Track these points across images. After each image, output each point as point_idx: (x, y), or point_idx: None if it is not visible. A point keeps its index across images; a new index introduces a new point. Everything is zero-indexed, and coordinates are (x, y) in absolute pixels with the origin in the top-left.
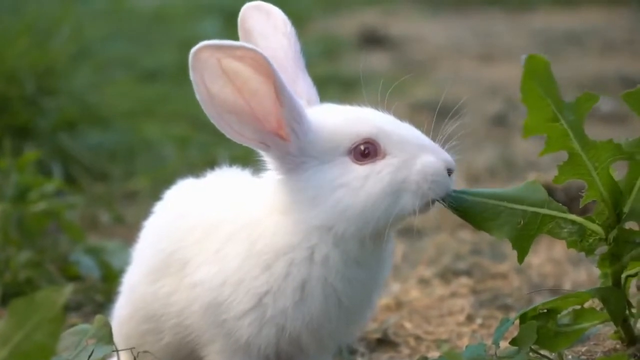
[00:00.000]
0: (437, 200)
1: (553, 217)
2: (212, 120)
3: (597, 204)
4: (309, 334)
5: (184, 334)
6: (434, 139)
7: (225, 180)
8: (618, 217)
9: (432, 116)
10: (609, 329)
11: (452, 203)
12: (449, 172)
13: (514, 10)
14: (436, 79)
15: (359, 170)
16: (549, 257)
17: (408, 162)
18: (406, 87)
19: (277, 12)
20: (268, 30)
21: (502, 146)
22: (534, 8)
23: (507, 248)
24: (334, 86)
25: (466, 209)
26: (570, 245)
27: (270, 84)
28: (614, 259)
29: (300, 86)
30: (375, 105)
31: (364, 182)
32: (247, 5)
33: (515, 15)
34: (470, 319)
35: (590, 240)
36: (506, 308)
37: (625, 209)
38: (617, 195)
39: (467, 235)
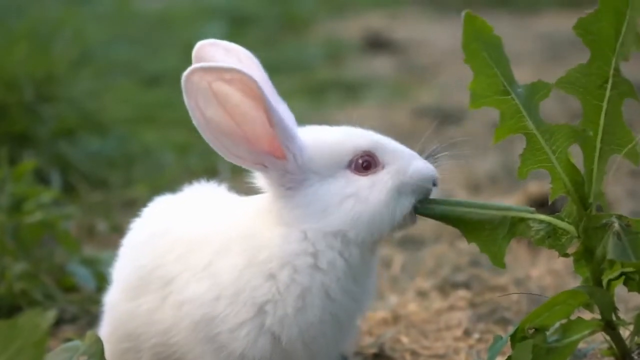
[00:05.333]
0: (417, 207)
1: (522, 219)
2: (210, 144)
3: (566, 203)
4: (303, 346)
5: (166, 353)
6: (435, 144)
7: (203, 195)
8: (585, 207)
9: (435, 121)
10: (604, 346)
11: (427, 210)
12: (435, 183)
13: (520, 13)
14: (440, 84)
15: (363, 181)
16: (549, 269)
17: (403, 169)
18: (409, 92)
19: (236, 47)
20: (233, 63)
21: (504, 153)
22: (540, 11)
23: (506, 260)
24: (337, 90)
25: (441, 216)
26: (537, 242)
27: (260, 106)
28: (588, 255)
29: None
30: (378, 110)
31: (371, 191)
32: (199, 43)
33: (521, 18)
34: (467, 333)
35: (563, 240)
36: (504, 322)
37: (591, 199)
38: (580, 184)
39: (467, 245)
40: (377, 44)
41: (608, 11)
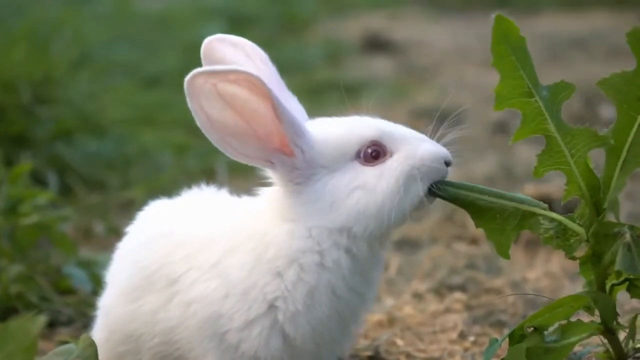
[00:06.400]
0: (431, 188)
1: (534, 214)
2: (215, 144)
3: (579, 205)
4: (312, 343)
5: (168, 351)
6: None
7: (206, 198)
8: (597, 212)
9: (433, 122)
10: (600, 348)
11: (441, 191)
12: (448, 162)
13: (520, 13)
14: (439, 85)
15: (371, 172)
16: (546, 271)
17: (412, 153)
18: (409, 93)
19: (244, 42)
20: (241, 59)
21: (502, 155)
22: (540, 11)
23: (503, 262)
24: (337, 91)
25: (454, 199)
26: (545, 241)
27: (268, 103)
28: (596, 260)
29: (290, 106)
30: (374, 111)
31: (379, 181)
32: (208, 39)
33: (521, 19)
34: (462, 336)
35: (571, 241)
36: (500, 325)
37: (605, 205)
38: (595, 190)
39: (463, 247)
40: (376, 45)
41: None
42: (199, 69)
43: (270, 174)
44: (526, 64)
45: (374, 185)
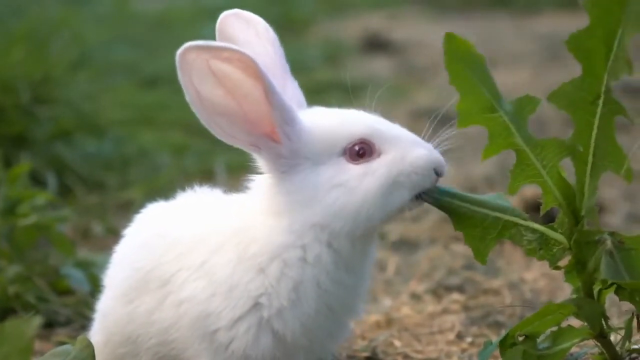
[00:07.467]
0: (421, 196)
1: (515, 224)
2: (203, 122)
3: (559, 214)
4: (304, 338)
5: (164, 351)
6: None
7: (201, 198)
8: (576, 220)
9: (432, 123)
10: (595, 350)
11: (430, 199)
12: (439, 172)
13: (520, 13)
14: (438, 85)
15: (355, 170)
16: (544, 272)
17: (401, 157)
18: (408, 93)
19: (257, 20)
20: (251, 38)
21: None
22: (539, 11)
23: (501, 263)
24: (336, 91)
25: (436, 204)
26: (529, 253)
27: (260, 86)
28: (580, 267)
29: (288, 91)
30: (375, 111)
31: (361, 181)
32: (225, 13)
33: (520, 19)
34: (460, 337)
35: (554, 250)
36: (497, 325)
37: (583, 212)
38: (571, 198)
39: (461, 248)
40: (376, 45)
41: (599, 29)
42: (191, 42)
43: (257, 159)
44: (486, 80)
45: (355, 185)
